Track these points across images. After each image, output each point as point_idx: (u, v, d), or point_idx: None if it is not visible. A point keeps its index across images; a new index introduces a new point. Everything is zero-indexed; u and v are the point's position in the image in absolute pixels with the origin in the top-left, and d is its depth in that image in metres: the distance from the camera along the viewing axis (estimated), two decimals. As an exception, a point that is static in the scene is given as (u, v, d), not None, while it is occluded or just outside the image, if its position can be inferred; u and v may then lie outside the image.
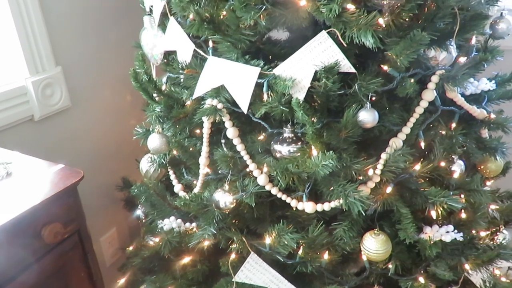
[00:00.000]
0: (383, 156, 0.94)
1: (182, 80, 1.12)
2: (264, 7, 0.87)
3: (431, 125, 1.03)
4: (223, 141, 1.10)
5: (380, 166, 0.93)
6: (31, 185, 0.89)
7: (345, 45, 0.85)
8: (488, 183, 1.27)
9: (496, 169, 1.17)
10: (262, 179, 0.98)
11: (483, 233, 1.12)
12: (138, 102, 1.32)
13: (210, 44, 1.01)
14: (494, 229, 1.26)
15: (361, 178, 0.95)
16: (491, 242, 1.16)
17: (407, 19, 0.85)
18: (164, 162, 1.22)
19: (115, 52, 1.58)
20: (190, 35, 1.04)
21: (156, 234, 1.20)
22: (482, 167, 1.18)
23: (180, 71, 1.06)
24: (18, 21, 1.24)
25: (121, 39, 1.57)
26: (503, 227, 1.29)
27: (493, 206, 1.24)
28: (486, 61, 0.98)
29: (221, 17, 0.95)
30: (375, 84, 0.88)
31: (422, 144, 0.99)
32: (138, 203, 1.37)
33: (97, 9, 1.49)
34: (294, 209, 1.01)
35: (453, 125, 1.05)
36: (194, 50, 1.03)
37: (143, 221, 1.36)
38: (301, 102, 0.87)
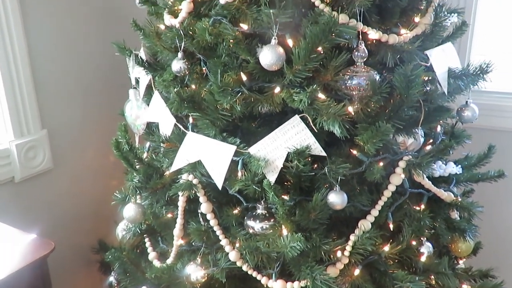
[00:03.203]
0: (352, 238, 0.96)
1: (162, 151, 1.15)
2: (241, 92, 0.93)
3: (401, 207, 1.06)
4: (200, 211, 1.12)
5: (348, 248, 0.95)
6: (-1, 257, 0.89)
7: (316, 130, 0.90)
8: (461, 261, 1.28)
9: (466, 250, 1.18)
10: (233, 255, 0.99)
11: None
12: (121, 163, 1.34)
13: (190, 120, 1.06)
14: (468, 309, 1.26)
15: (331, 257, 0.97)
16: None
17: (374, 109, 0.91)
18: (140, 231, 1.22)
19: (101, 115, 1.62)
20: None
21: (127, 304, 1.19)
22: (453, 246, 1.19)
23: (161, 144, 1.10)
24: (7, 85, 1.28)
25: (107, 103, 1.62)
26: (477, 307, 1.29)
27: (465, 286, 1.25)
28: (451, 148, 1.03)
29: (202, 95, 1.01)
30: (344, 168, 0.92)
31: (391, 226, 1.02)
32: (112, 268, 1.36)
33: (86, 74, 1.55)
34: (265, 286, 1.01)
35: (422, 206, 1.08)
36: (175, 124, 1.08)
37: (115, 288, 1.33)
38: (272, 184, 0.90)
